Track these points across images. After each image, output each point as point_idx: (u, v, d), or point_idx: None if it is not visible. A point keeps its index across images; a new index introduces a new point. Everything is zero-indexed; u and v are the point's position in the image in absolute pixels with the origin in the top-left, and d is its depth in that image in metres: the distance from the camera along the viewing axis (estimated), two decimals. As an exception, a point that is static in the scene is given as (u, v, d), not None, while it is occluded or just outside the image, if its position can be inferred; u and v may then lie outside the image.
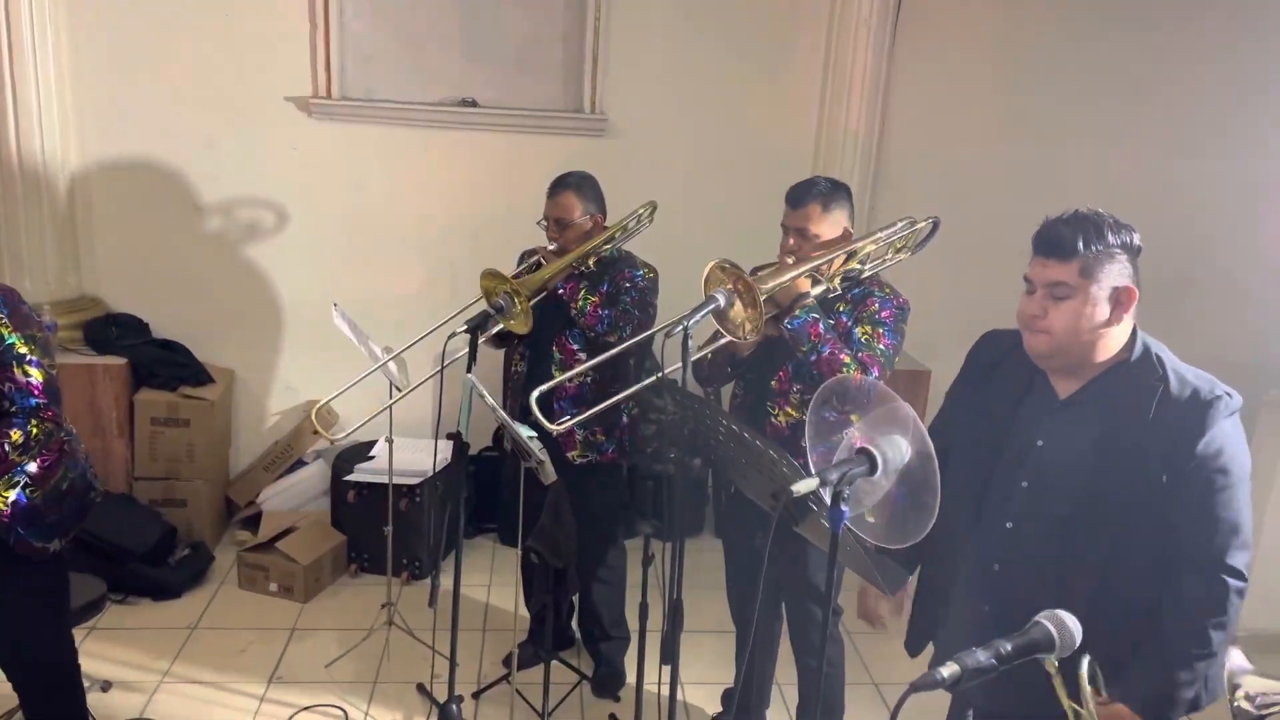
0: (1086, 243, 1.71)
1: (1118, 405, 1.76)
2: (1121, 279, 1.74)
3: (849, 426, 1.52)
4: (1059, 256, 1.73)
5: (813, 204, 2.58)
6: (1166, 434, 1.70)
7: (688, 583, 2.67)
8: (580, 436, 3.07)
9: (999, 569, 1.83)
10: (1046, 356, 1.78)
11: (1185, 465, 1.69)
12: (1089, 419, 1.77)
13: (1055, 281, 1.73)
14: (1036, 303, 1.76)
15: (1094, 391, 1.79)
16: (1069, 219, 1.75)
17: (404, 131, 4.20)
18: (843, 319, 2.56)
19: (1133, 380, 1.76)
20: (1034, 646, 1.16)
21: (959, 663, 1.11)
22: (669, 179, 4.19)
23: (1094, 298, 1.73)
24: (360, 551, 3.99)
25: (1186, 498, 1.69)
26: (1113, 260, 1.73)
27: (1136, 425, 1.72)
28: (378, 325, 3.71)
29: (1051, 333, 1.75)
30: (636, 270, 3.04)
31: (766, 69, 4.34)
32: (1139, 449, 1.71)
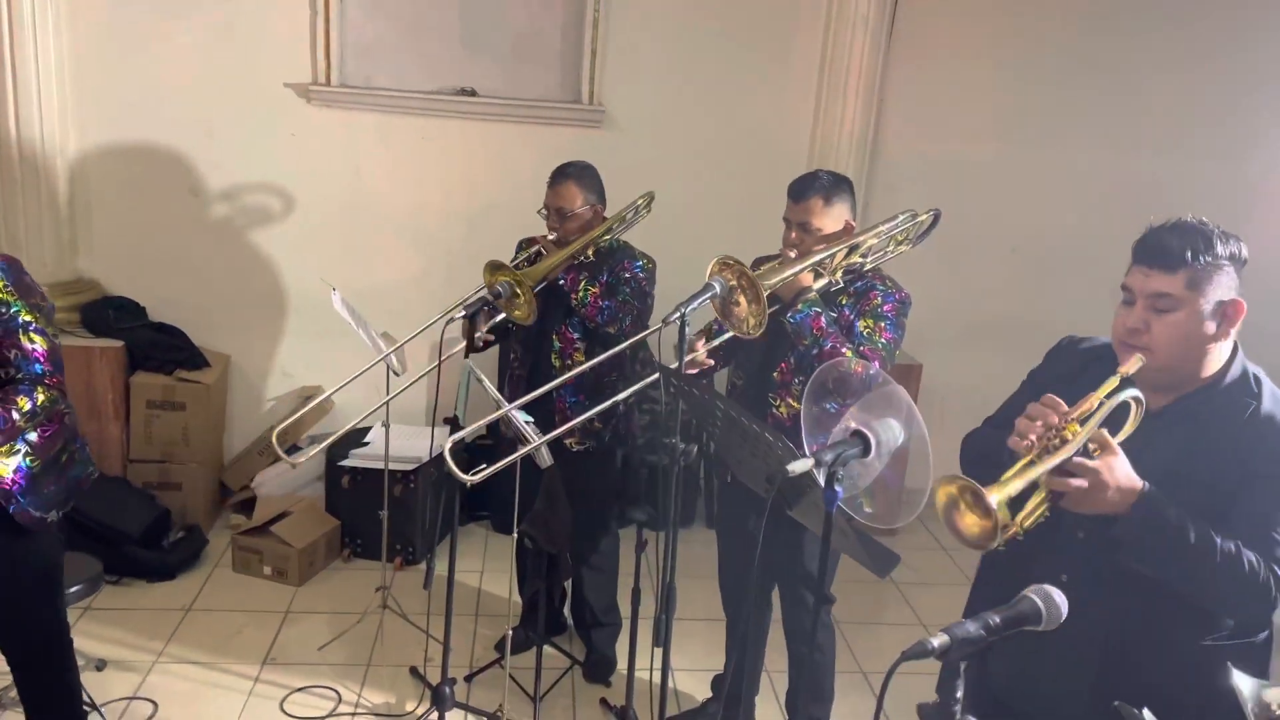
0: (1195, 254, 1.62)
1: (1206, 421, 1.68)
2: (1229, 292, 1.65)
3: (844, 411, 1.55)
4: (1164, 267, 1.64)
5: (815, 197, 2.60)
6: (1249, 445, 1.64)
7: (679, 572, 2.70)
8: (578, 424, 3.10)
9: (1067, 580, 1.65)
10: (1152, 374, 1.66)
11: (1260, 472, 1.62)
12: (1175, 433, 1.68)
13: (1159, 293, 1.64)
14: (1138, 315, 1.66)
15: (1186, 406, 1.70)
16: (1174, 227, 1.67)
17: (402, 120, 4.22)
18: (845, 312, 2.58)
19: (1226, 398, 1.68)
20: (1022, 619, 1.19)
21: (949, 633, 1.14)
22: (665, 171, 4.21)
23: (1200, 312, 1.63)
24: (354, 536, 4.01)
25: (1246, 502, 1.62)
26: (1221, 272, 1.64)
27: (1222, 442, 1.65)
28: (374, 312, 3.72)
29: (1153, 349, 1.65)
30: (635, 261, 3.07)
31: (764, 64, 4.38)
32: (1219, 465, 1.64)
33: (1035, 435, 1.54)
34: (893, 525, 1.53)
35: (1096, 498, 1.55)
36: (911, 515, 1.47)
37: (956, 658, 1.14)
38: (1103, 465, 1.54)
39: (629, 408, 3.22)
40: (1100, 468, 1.54)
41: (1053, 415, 1.56)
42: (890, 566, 1.70)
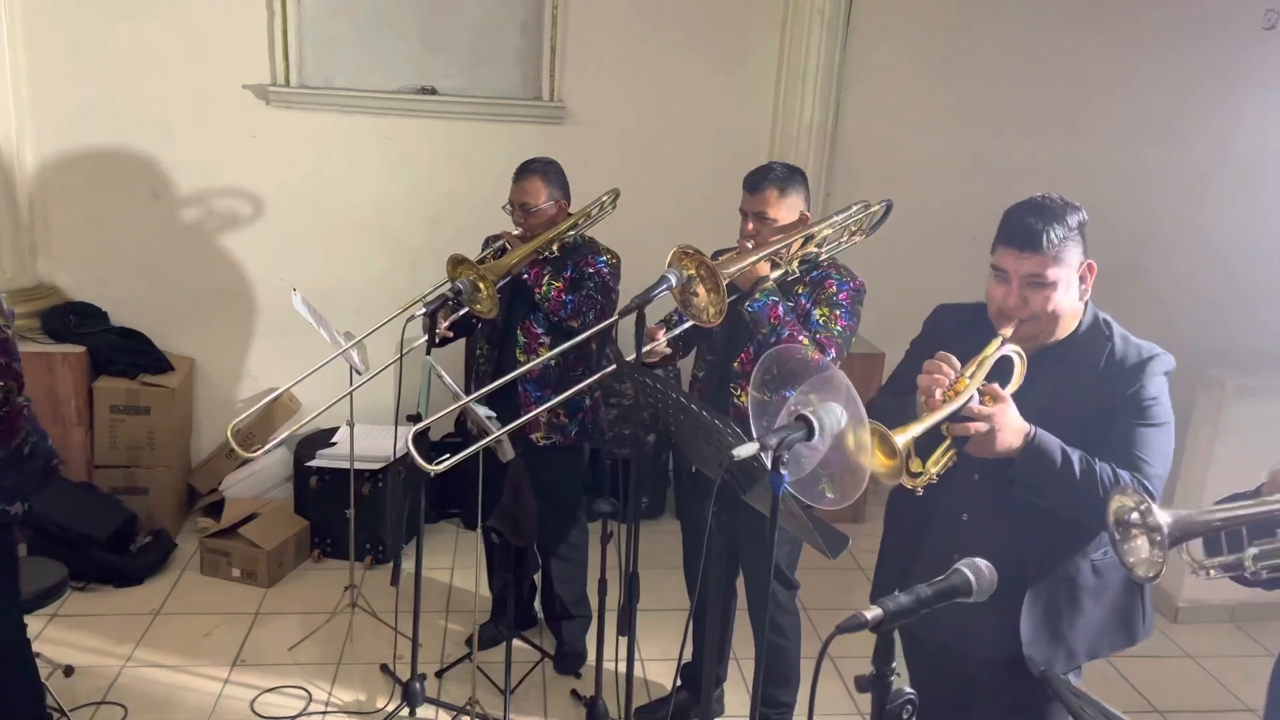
0: (1055, 232, 1.80)
1: (1072, 366, 1.88)
2: (1083, 256, 1.86)
3: (789, 396, 1.59)
4: (1032, 249, 1.80)
5: (770, 189, 2.64)
6: (1109, 386, 1.84)
7: (649, 563, 2.74)
8: (545, 418, 3.12)
9: (968, 518, 1.93)
10: (1029, 339, 1.87)
11: (1119, 408, 1.83)
12: (1046, 378, 1.87)
13: (1032, 274, 1.82)
14: (1016, 294, 1.84)
15: (1053, 354, 1.90)
16: (1032, 209, 1.84)
17: (363, 119, 4.22)
18: (801, 301, 2.62)
19: (1085, 344, 1.90)
20: (953, 591, 1.24)
21: (881, 606, 1.19)
22: (628, 166, 4.25)
23: (1067, 281, 1.84)
24: (323, 536, 4.02)
25: (1115, 433, 1.82)
26: (1075, 242, 1.84)
27: (1087, 380, 1.86)
28: (338, 312, 3.73)
29: (1032, 320, 1.84)
30: (599, 256, 3.10)
31: (723, 58, 4.41)
32: (1086, 400, 1.84)
33: (940, 389, 1.73)
34: (840, 506, 1.57)
35: (993, 441, 1.73)
36: (856, 494, 1.51)
37: (889, 629, 1.18)
38: (996, 411, 1.73)
39: (595, 401, 3.25)
40: (994, 413, 1.72)
41: (948, 368, 1.76)
42: (841, 548, 1.75)
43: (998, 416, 1.73)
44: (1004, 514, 1.87)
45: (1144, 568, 1.30)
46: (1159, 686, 3.41)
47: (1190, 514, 1.27)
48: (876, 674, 1.18)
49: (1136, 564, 1.31)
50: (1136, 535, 1.32)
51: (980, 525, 1.91)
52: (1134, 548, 1.33)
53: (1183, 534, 1.25)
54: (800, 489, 1.69)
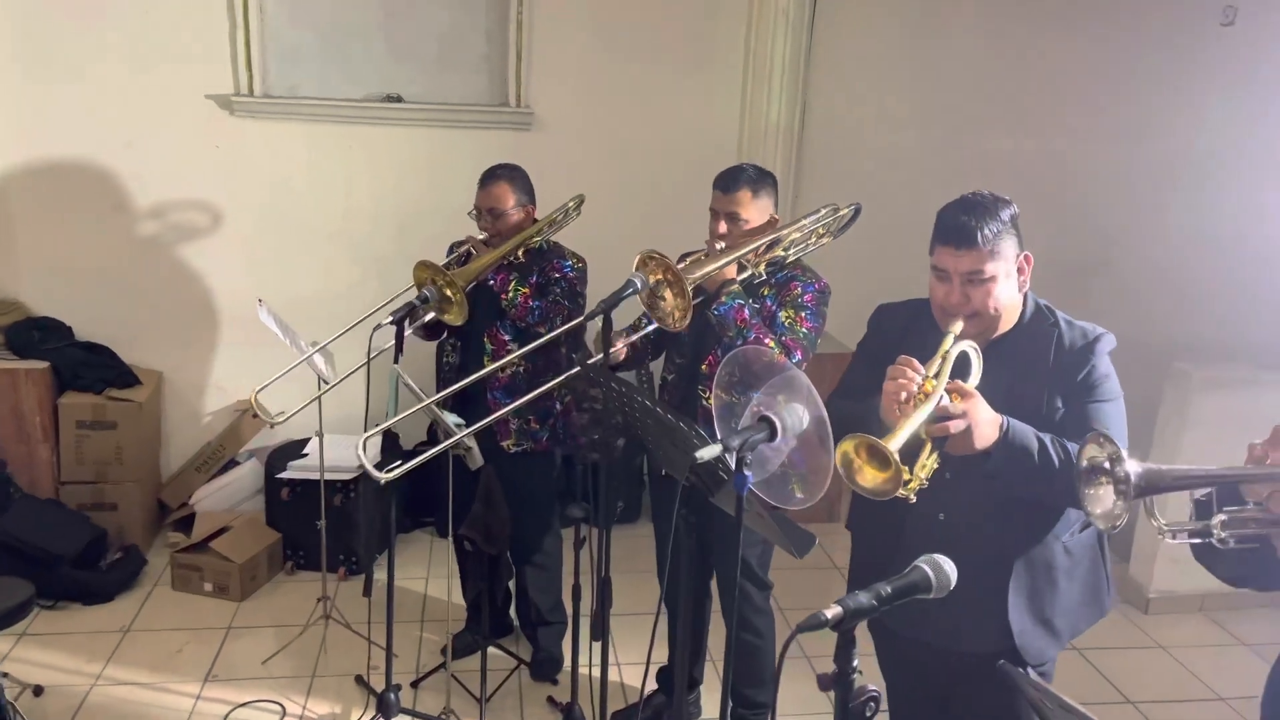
0: (989, 228, 1.82)
1: (1023, 354, 1.90)
2: (1018, 248, 1.87)
3: (754, 398, 1.59)
4: (969, 245, 1.82)
5: (743, 189, 2.65)
6: (1062, 371, 1.88)
7: (625, 567, 2.73)
8: (514, 425, 3.12)
9: (944, 518, 1.93)
10: (978, 335, 1.87)
11: (1073, 391, 1.86)
12: (997, 369, 1.87)
13: (971, 270, 1.83)
14: (957, 292, 1.85)
15: (1003, 344, 1.92)
16: (965, 207, 1.85)
17: (329, 128, 4.20)
18: (767, 303, 2.63)
19: (1032, 332, 1.92)
20: (913, 588, 1.25)
21: (841, 604, 1.19)
22: (595, 171, 4.25)
23: (1006, 274, 1.86)
24: (296, 549, 3.99)
25: (1072, 414, 1.85)
26: (1010, 236, 1.85)
27: (1039, 368, 1.88)
28: (307, 321, 3.71)
29: (975, 316, 1.85)
30: (565, 261, 3.09)
31: (689, 61, 4.42)
32: (1040, 387, 1.87)
33: (907, 394, 1.72)
34: (804, 506, 1.57)
35: (972, 437, 1.73)
36: (819, 493, 1.52)
37: (850, 627, 1.18)
38: (969, 407, 1.73)
39: (566, 406, 3.24)
40: (968, 409, 1.73)
41: (912, 372, 1.75)
42: (808, 547, 1.75)
43: (972, 412, 1.73)
44: (980, 509, 1.88)
45: (1106, 519, 1.31)
46: (1131, 677, 3.44)
47: (1159, 467, 1.29)
48: (839, 672, 1.18)
49: (1099, 513, 1.33)
50: (1104, 483, 1.34)
51: (958, 523, 1.91)
52: (1098, 496, 1.35)
53: (1149, 485, 1.27)
54: (770, 490, 1.70)
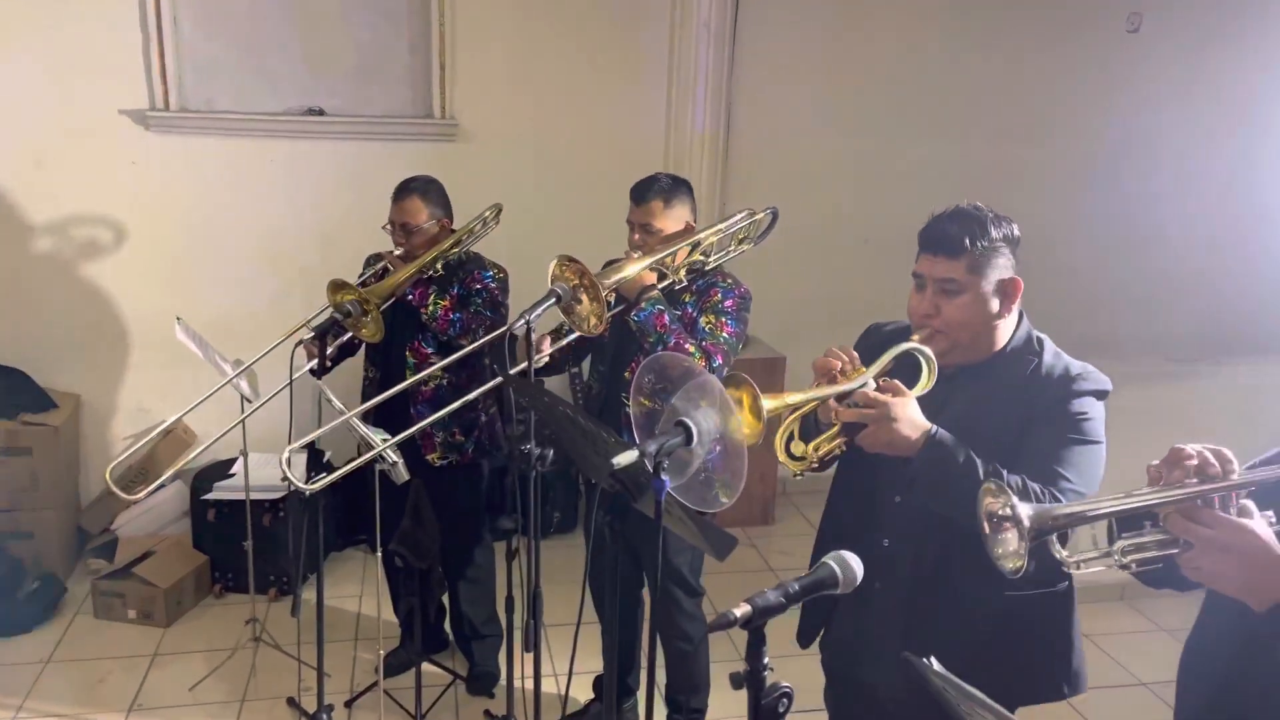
0: (973, 240, 1.74)
1: (993, 380, 1.81)
2: (1006, 271, 1.78)
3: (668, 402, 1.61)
4: (947, 254, 1.76)
5: (655, 200, 2.68)
6: (1030, 397, 1.76)
7: (562, 577, 2.73)
8: (439, 438, 3.10)
9: (889, 544, 1.86)
10: (943, 354, 1.79)
11: (1038, 419, 1.74)
12: (964, 392, 1.81)
13: (944, 278, 1.77)
14: (929, 300, 1.79)
15: (975, 369, 1.83)
16: (954, 215, 1.79)
17: (249, 142, 4.13)
18: (688, 309, 2.66)
19: (1011, 360, 1.82)
20: (820, 585, 1.27)
21: (750, 603, 1.21)
22: (523, 181, 4.26)
23: (983, 292, 1.76)
24: (224, 571, 3.91)
25: (1032, 445, 1.72)
26: (998, 254, 1.77)
27: (1006, 396, 1.78)
28: (231, 339, 3.64)
29: (946, 331, 1.78)
30: (486, 272, 3.08)
31: (614, 71, 4.45)
32: (1004, 416, 1.77)
33: (828, 371, 1.71)
34: (724, 508, 1.59)
35: (885, 432, 1.67)
36: (735, 496, 1.54)
37: (759, 625, 1.20)
38: (892, 401, 1.67)
39: (491, 417, 3.23)
40: (889, 402, 1.67)
41: (842, 354, 1.74)
42: (728, 549, 1.76)
43: (895, 407, 1.67)
44: (924, 540, 1.82)
45: (1010, 560, 1.33)
46: (1056, 666, 3.52)
47: (1049, 508, 1.31)
48: (750, 670, 1.20)
49: (1003, 557, 1.34)
50: (1007, 528, 1.35)
51: (902, 551, 1.85)
52: (1004, 540, 1.36)
53: (1040, 528, 1.28)
54: (695, 495, 1.70)
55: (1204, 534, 1.25)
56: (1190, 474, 1.29)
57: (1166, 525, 1.29)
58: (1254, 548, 1.24)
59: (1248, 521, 1.25)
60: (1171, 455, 1.32)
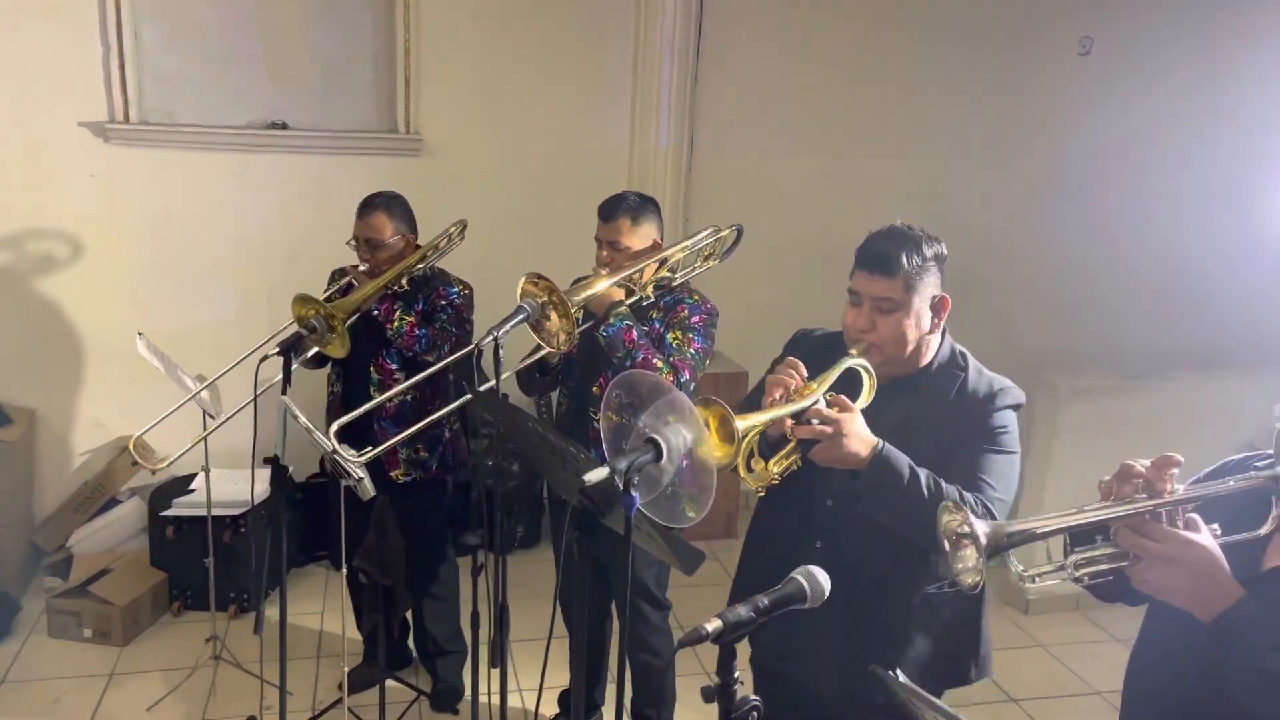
0: (908, 258, 1.82)
1: (924, 395, 1.90)
2: (937, 289, 1.88)
3: (639, 419, 1.63)
4: (884, 273, 1.83)
5: (623, 217, 2.71)
6: (959, 416, 1.87)
7: (527, 592, 2.73)
8: (403, 455, 3.09)
9: (820, 546, 1.93)
10: (878, 367, 1.87)
11: (966, 436, 1.86)
12: (898, 405, 1.88)
13: (881, 296, 1.84)
14: (865, 317, 1.86)
15: (907, 383, 1.92)
16: (889, 235, 1.86)
17: (211, 155, 4.11)
18: (655, 325, 2.69)
19: (939, 375, 1.92)
20: (789, 599, 1.30)
21: (721, 618, 1.23)
22: (487, 197, 4.27)
23: (916, 309, 1.85)
24: (183, 588, 3.85)
25: (961, 458, 1.84)
26: (930, 273, 1.86)
27: (938, 410, 1.88)
28: (194, 353, 3.61)
29: (881, 345, 1.86)
30: (451, 288, 3.09)
31: (578, 88, 4.48)
32: (936, 429, 1.87)
33: (783, 389, 1.76)
34: (691, 524, 1.62)
35: (837, 447, 1.74)
36: (704, 511, 1.56)
37: (730, 640, 1.23)
38: (843, 418, 1.74)
39: (455, 434, 3.23)
40: (841, 419, 1.73)
41: (795, 372, 1.79)
42: (696, 564, 1.79)
43: (844, 423, 1.73)
44: (856, 543, 1.89)
45: (970, 575, 1.37)
46: (1013, 676, 3.59)
47: (1002, 525, 1.35)
48: (721, 684, 1.23)
49: (963, 572, 1.38)
50: (966, 544, 1.38)
51: (834, 555, 1.88)
52: (963, 556, 1.39)
53: (996, 545, 1.32)
54: (663, 512, 1.73)
55: (1152, 548, 1.29)
56: (1139, 488, 1.34)
57: (1116, 539, 1.33)
58: (1200, 560, 1.28)
59: (1194, 535, 1.30)
60: (1121, 470, 1.37)
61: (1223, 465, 1.51)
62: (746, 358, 4.56)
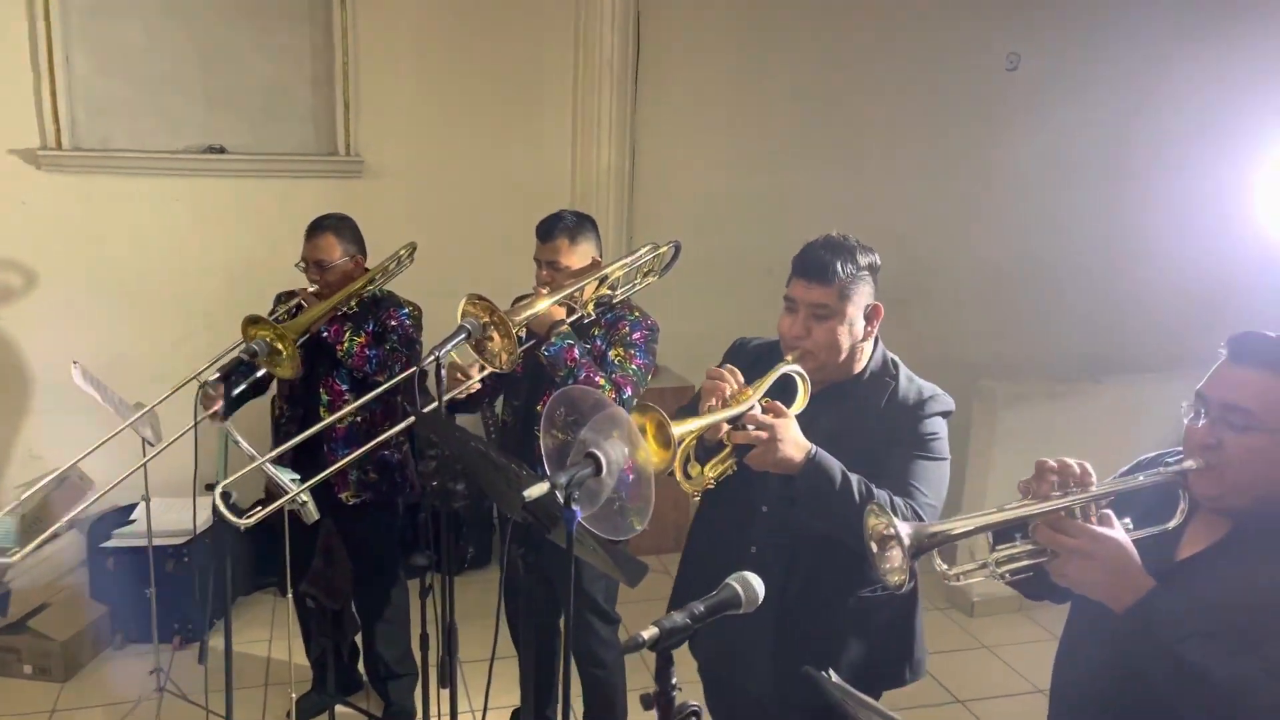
0: (843, 266, 1.87)
1: (857, 402, 1.95)
2: (871, 297, 1.93)
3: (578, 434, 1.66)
4: (820, 280, 1.87)
5: (561, 237, 2.73)
6: (889, 422, 1.91)
7: (478, 612, 2.73)
8: (353, 476, 3.08)
9: (756, 551, 1.96)
10: (812, 374, 1.90)
11: (896, 441, 1.90)
12: (831, 412, 1.93)
13: (817, 303, 1.88)
14: (800, 323, 1.90)
15: (840, 389, 1.96)
16: (826, 244, 1.91)
17: (148, 181, 4.07)
18: (597, 343, 2.72)
19: (871, 383, 1.97)
20: (724, 605, 1.33)
21: (658, 625, 1.26)
22: (429, 218, 4.27)
23: (850, 316, 1.90)
24: (126, 621, 3.78)
25: (892, 464, 1.88)
26: (864, 281, 1.91)
27: (869, 416, 1.92)
28: (134, 382, 3.56)
29: (815, 352, 1.90)
30: (401, 309, 3.10)
31: (519, 109, 4.51)
32: (867, 435, 1.91)
33: (718, 395, 1.80)
34: (632, 535, 1.65)
35: (772, 452, 1.76)
36: (644, 523, 1.59)
37: (667, 646, 1.25)
38: (778, 423, 1.77)
39: (405, 455, 3.23)
40: (775, 424, 1.77)
41: (730, 378, 1.82)
42: (640, 576, 1.81)
43: (779, 428, 1.77)
44: (790, 548, 1.92)
45: (895, 575, 1.41)
46: (959, 677, 3.66)
47: (924, 526, 1.40)
48: (660, 691, 1.25)
49: (889, 573, 1.43)
50: (892, 546, 1.43)
51: (768, 560, 1.94)
52: (889, 557, 1.44)
53: (919, 546, 1.37)
54: (609, 525, 1.75)
55: (1067, 543, 1.35)
56: (1055, 486, 1.40)
57: (1035, 536, 1.39)
58: (1112, 554, 1.35)
59: (1106, 530, 1.36)
60: (1037, 469, 1.43)
61: (1138, 462, 1.58)
62: (693, 372, 4.60)
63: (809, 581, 1.93)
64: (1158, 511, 1.45)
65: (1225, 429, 1.38)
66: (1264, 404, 1.35)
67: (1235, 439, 1.37)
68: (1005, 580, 1.45)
